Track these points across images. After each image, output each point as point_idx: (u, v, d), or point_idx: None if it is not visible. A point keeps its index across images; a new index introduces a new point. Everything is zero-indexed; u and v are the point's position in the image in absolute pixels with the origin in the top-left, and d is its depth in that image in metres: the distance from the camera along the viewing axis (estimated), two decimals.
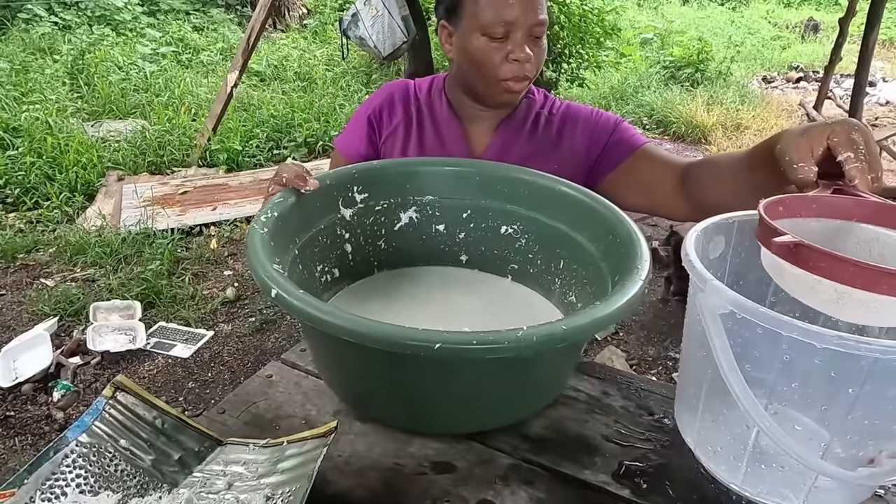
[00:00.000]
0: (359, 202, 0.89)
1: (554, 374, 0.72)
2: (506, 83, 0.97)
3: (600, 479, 0.65)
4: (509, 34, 0.94)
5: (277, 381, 0.79)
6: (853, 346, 0.46)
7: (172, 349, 2.58)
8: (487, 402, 0.67)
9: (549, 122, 1.07)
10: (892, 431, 0.53)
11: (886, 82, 6.50)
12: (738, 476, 0.61)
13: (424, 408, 0.68)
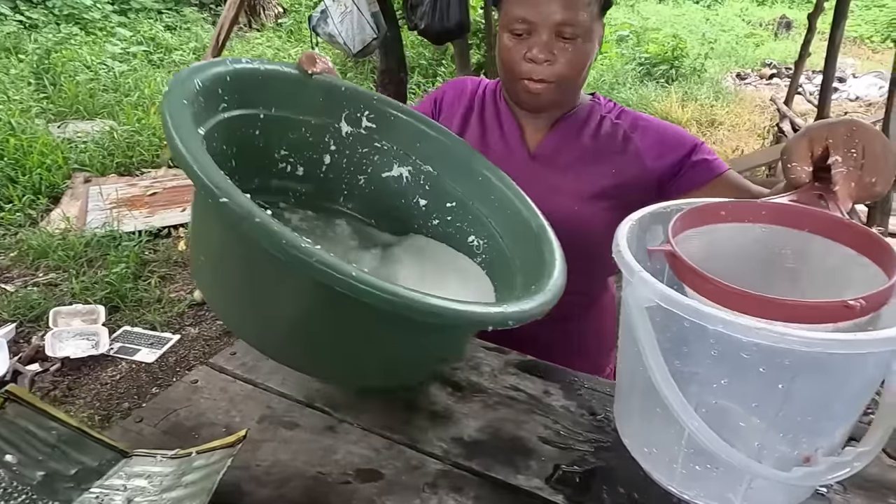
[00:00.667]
0: (362, 128, 0.85)
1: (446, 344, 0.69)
2: (523, 82, 0.92)
3: (533, 484, 0.61)
4: (532, 32, 0.89)
5: (203, 386, 0.75)
6: (778, 339, 0.43)
7: (137, 354, 2.52)
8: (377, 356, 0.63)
9: (614, 125, 1.00)
10: (826, 428, 0.50)
11: (856, 78, 6.58)
12: (674, 478, 0.58)
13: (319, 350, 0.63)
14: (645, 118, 1.02)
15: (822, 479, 0.52)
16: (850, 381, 0.47)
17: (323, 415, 0.70)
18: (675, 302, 0.47)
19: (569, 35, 0.88)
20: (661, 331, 0.51)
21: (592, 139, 0.99)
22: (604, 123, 1.00)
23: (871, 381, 0.49)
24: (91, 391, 2.33)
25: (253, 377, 0.76)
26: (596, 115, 1.01)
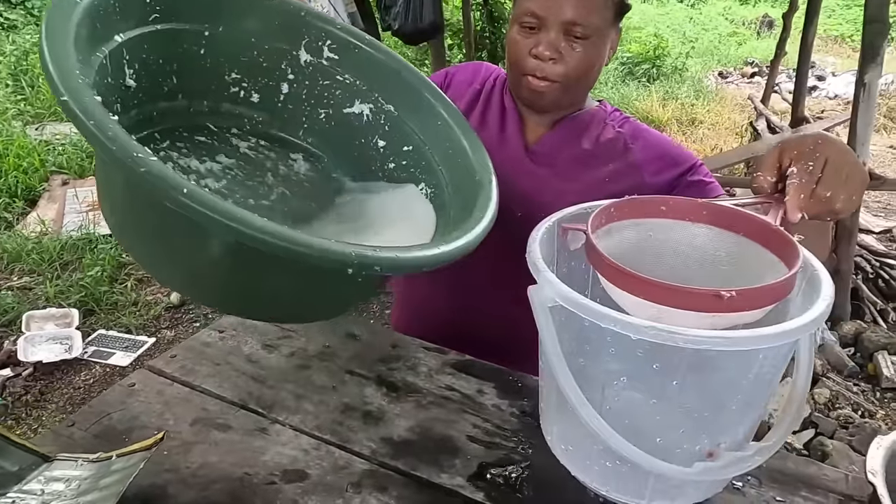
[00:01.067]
0: (324, 59, 0.80)
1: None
2: (527, 78, 0.88)
3: (456, 483, 0.62)
4: (541, 28, 0.85)
5: (139, 389, 0.75)
6: (666, 337, 0.44)
7: (111, 357, 2.50)
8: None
9: (616, 133, 0.97)
10: (724, 423, 0.51)
11: (836, 76, 6.65)
12: (590, 474, 0.59)
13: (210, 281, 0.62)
14: (647, 131, 0.99)
15: (723, 474, 0.53)
16: (742, 378, 0.48)
17: (256, 416, 0.71)
18: (574, 302, 0.48)
19: (578, 35, 0.85)
20: (566, 330, 0.52)
21: (592, 143, 0.96)
22: (605, 130, 0.97)
23: (766, 377, 0.50)
24: (64, 395, 2.32)
25: (190, 380, 0.76)
26: (599, 120, 0.98)
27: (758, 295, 0.47)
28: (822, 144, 0.61)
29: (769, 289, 0.47)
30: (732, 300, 0.45)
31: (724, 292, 0.45)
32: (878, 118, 5.53)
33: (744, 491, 0.62)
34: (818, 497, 0.62)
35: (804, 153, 0.61)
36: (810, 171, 0.60)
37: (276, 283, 0.58)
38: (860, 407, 2.24)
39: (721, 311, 0.45)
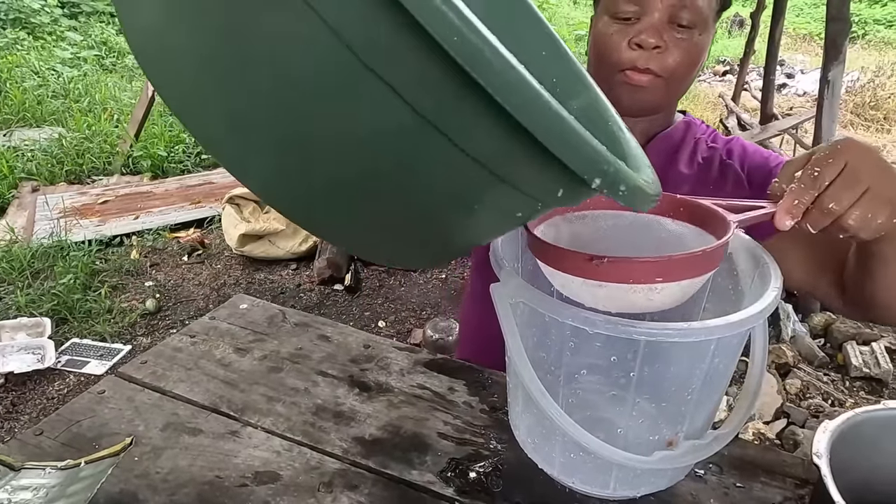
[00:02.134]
0: None
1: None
2: (623, 73, 0.77)
3: (426, 479, 0.63)
4: (641, 16, 0.75)
5: (109, 396, 0.75)
6: (621, 330, 0.46)
7: (85, 366, 2.46)
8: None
9: (710, 150, 0.86)
10: (682, 412, 0.53)
11: (804, 74, 6.81)
12: (556, 466, 0.61)
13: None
14: (743, 143, 0.89)
15: (682, 462, 0.55)
16: (697, 368, 0.50)
17: (227, 419, 0.71)
18: (533, 297, 0.50)
19: (685, 23, 0.74)
20: (529, 325, 0.54)
21: (688, 165, 0.86)
22: (699, 147, 0.87)
23: (720, 367, 0.52)
24: (37, 406, 2.28)
25: (161, 385, 0.76)
26: (691, 137, 0.88)
27: (632, 267, 0.47)
28: (841, 150, 0.53)
29: (646, 262, 0.47)
30: (603, 267, 0.46)
31: (597, 259, 0.46)
32: (846, 114, 5.68)
33: (705, 478, 0.64)
34: (776, 482, 0.64)
35: (820, 158, 0.53)
36: (814, 177, 0.52)
37: (437, 186, 0.35)
38: (830, 396, 2.30)
39: (596, 277, 0.47)
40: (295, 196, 0.37)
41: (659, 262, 0.47)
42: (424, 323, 2.61)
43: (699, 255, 0.48)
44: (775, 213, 0.53)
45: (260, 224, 3.07)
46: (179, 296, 2.95)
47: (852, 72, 6.13)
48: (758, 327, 0.51)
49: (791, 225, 0.53)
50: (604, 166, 0.32)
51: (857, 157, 0.52)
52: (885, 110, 5.73)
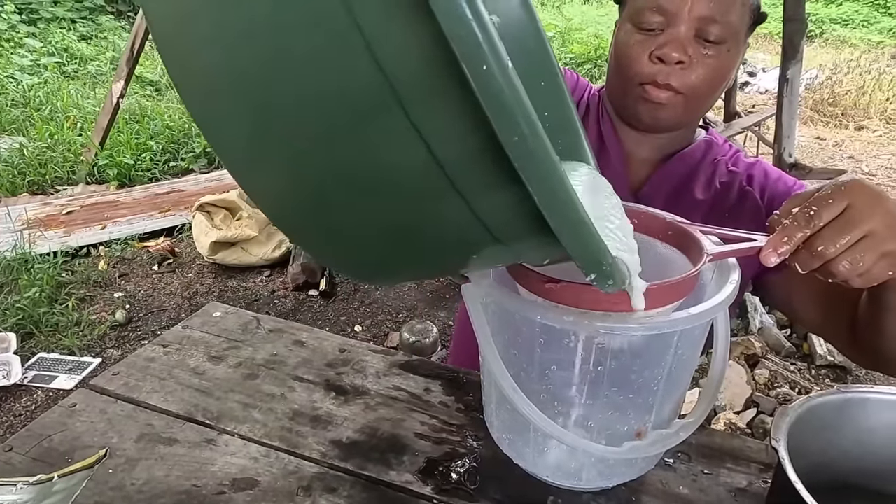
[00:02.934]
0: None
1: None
2: (642, 87, 0.73)
3: (404, 479, 0.64)
4: (666, 28, 0.70)
5: (81, 409, 0.74)
6: (587, 326, 0.47)
7: (54, 381, 2.41)
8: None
9: (730, 173, 0.81)
10: (649, 403, 0.55)
11: (766, 72, 7.00)
12: (531, 461, 0.62)
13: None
14: (766, 168, 0.83)
15: (651, 452, 0.57)
16: (662, 360, 0.52)
17: (203, 428, 0.71)
18: (504, 297, 0.51)
19: (713, 38, 0.69)
20: (500, 324, 0.55)
21: (704, 190, 0.80)
22: (718, 170, 0.82)
23: (684, 358, 0.54)
24: (3, 424, 2.22)
25: (134, 396, 0.76)
26: (711, 158, 0.82)
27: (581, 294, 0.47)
28: (845, 191, 0.50)
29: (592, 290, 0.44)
30: (558, 291, 0.47)
31: (550, 283, 0.48)
32: (805, 111, 5.86)
33: (675, 467, 0.66)
34: (741, 467, 0.66)
35: (821, 197, 0.50)
36: (810, 216, 0.50)
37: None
38: (797, 384, 2.37)
39: (550, 298, 0.48)
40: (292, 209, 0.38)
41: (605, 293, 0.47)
42: (401, 326, 2.61)
43: (648, 291, 0.47)
44: (762, 248, 0.51)
45: (232, 231, 3.04)
46: (150, 306, 2.90)
47: (811, 70, 6.33)
48: (719, 318, 0.53)
49: (776, 262, 0.51)
50: (603, 266, 0.34)
51: (861, 201, 0.49)
52: (843, 106, 5.92)
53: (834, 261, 0.50)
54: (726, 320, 0.55)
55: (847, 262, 0.50)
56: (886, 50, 8.19)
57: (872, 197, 0.50)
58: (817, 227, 0.50)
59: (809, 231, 0.50)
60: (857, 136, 5.52)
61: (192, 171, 4.28)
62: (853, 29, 9.71)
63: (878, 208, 0.49)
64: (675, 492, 0.63)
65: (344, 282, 3.06)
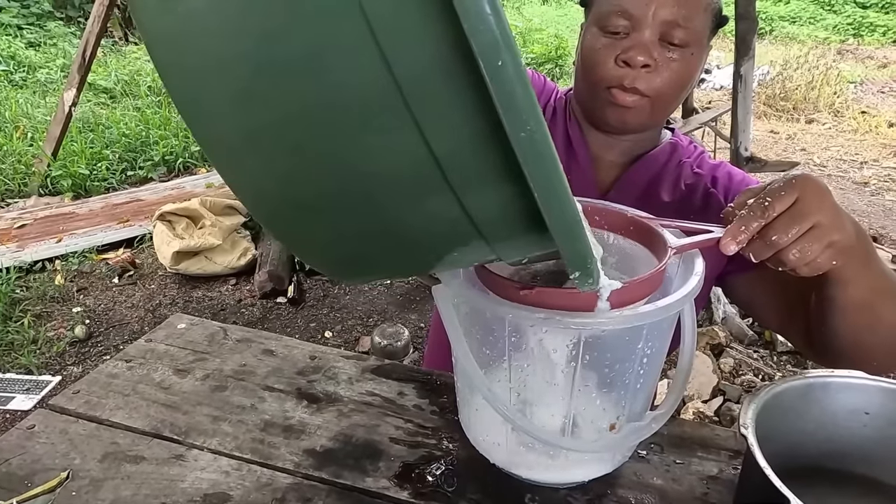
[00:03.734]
0: None
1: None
2: (610, 91, 0.73)
3: (380, 485, 0.63)
4: (631, 31, 0.71)
5: (40, 430, 0.71)
6: (558, 322, 0.47)
7: (10, 402, 2.31)
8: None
9: (695, 175, 0.81)
10: (621, 396, 0.56)
11: (720, 69, 7.20)
12: (506, 460, 0.62)
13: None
14: (729, 170, 0.84)
15: (624, 444, 0.57)
16: (631, 353, 0.53)
17: (171, 443, 0.69)
18: (475, 297, 0.51)
19: (677, 42, 0.70)
20: (472, 324, 0.55)
21: (670, 192, 0.82)
22: (683, 172, 0.83)
23: (652, 350, 0.54)
24: None
25: (97, 414, 0.73)
26: (676, 160, 0.84)
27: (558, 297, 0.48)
28: (795, 185, 0.53)
29: (569, 293, 0.48)
30: (531, 296, 0.48)
31: (526, 289, 0.48)
32: (759, 106, 6.04)
33: (648, 458, 0.67)
34: (712, 455, 0.68)
35: (773, 189, 0.53)
36: (764, 207, 0.52)
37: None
38: (761, 372, 2.44)
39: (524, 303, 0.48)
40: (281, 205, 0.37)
41: (579, 294, 0.48)
42: (371, 330, 2.59)
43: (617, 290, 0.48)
44: (721, 238, 0.53)
45: (195, 240, 2.97)
46: (111, 320, 2.81)
47: (763, 66, 6.53)
48: (685, 310, 0.54)
49: (735, 250, 0.53)
50: (588, 265, 0.35)
51: (810, 195, 0.53)
52: (794, 101, 6.13)
53: (785, 250, 0.53)
54: (692, 312, 0.56)
55: (797, 250, 0.53)
56: (832, 46, 8.52)
57: (819, 191, 0.53)
58: (771, 217, 0.52)
59: (764, 221, 0.52)
60: (808, 129, 5.73)
61: (152, 179, 4.17)
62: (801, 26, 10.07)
63: (825, 202, 0.53)
64: (650, 483, 0.64)
65: (313, 288, 3.03)
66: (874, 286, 0.61)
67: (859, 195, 4.21)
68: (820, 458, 0.59)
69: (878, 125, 5.61)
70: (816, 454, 0.59)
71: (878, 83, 6.82)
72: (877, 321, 0.63)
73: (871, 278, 0.60)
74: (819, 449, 0.59)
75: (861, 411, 0.58)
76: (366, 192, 0.34)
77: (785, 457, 0.54)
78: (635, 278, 0.50)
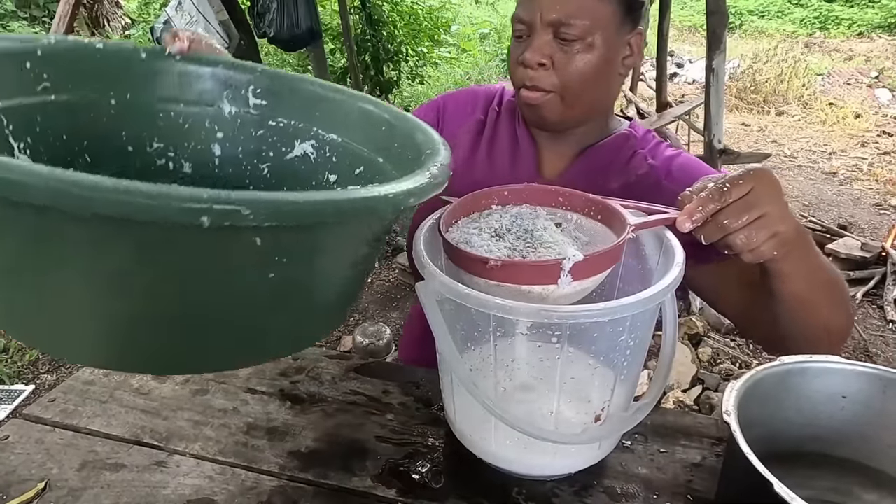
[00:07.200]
0: (251, 107, 0.73)
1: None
2: (521, 91, 0.79)
3: (367, 485, 0.63)
4: (529, 34, 0.76)
5: (14, 441, 0.69)
6: (543, 316, 0.48)
7: None
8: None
9: (649, 166, 0.83)
10: (606, 388, 0.56)
11: (692, 63, 7.31)
12: (492, 455, 0.62)
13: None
14: (687, 161, 0.84)
15: (610, 435, 0.58)
16: (615, 344, 0.53)
17: (151, 450, 0.68)
18: (458, 292, 0.51)
19: (571, 37, 0.73)
20: (456, 320, 0.55)
21: (620, 182, 0.83)
22: (635, 161, 0.84)
23: (636, 341, 0.55)
24: None
25: (74, 422, 0.71)
26: (628, 150, 0.85)
27: (520, 270, 0.51)
28: (752, 176, 0.56)
29: (533, 266, 0.52)
30: (496, 268, 0.51)
31: (493, 261, 0.51)
32: (731, 99, 6.14)
33: (632, 448, 0.68)
34: (694, 443, 0.69)
35: (732, 178, 0.57)
36: (721, 192, 0.56)
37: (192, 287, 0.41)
38: (738, 360, 2.49)
39: (491, 278, 0.51)
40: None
41: (544, 266, 0.51)
42: (353, 330, 2.58)
43: (581, 261, 0.51)
44: (678, 217, 0.57)
45: None
46: None
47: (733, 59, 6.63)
48: (667, 301, 0.55)
49: (689, 228, 0.57)
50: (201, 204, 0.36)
51: (763, 186, 0.56)
52: (764, 93, 6.24)
53: (733, 234, 0.56)
54: (674, 303, 0.56)
55: (744, 236, 0.56)
56: (800, 39, 8.68)
57: (773, 185, 0.57)
58: (727, 202, 0.56)
59: (720, 205, 0.56)
60: (778, 121, 5.84)
61: None
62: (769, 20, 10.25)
63: (776, 196, 0.57)
64: (635, 472, 0.65)
65: None
66: (811, 280, 0.64)
67: (828, 185, 4.30)
68: (800, 441, 0.61)
69: (845, 116, 5.74)
70: (796, 438, 0.61)
71: (844, 75, 6.98)
72: (814, 314, 0.67)
73: (808, 273, 0.64)
74: (799, 433, 0.60)
75: (839, 395, 0.59)
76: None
77: (766, 442, 0.55)
78: (596, 251, 0.52)
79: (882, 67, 7.11)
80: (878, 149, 5.03)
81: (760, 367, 0.58)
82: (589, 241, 0.62)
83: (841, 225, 3.58)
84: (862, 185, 4.31)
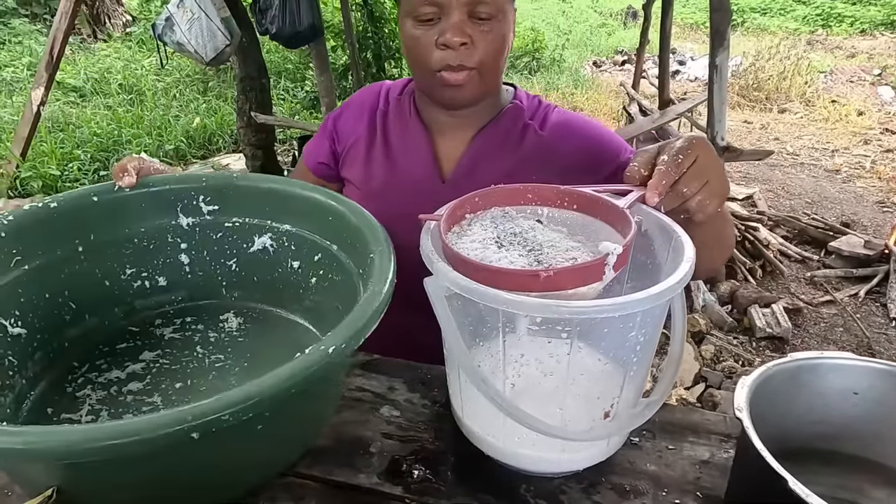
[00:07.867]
0: (206, 214, 0.81)
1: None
2: (440, 75, 0.80)
3: (373, 481, 0.63)
4: (442, 15, 0.78)
5: None
6: (553, 311, 0.47)
7: None
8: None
9: (539, 134, 0.89)
10: (614, 385, 0.56)
11: (694, 60, 7.29)
12: (499, 452, 0.62)
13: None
14: (571, 119, 0.91)
15: (618, 432, 0.57)
16: (624, 341, 0.53)
17: None
18: (467, 288, 0.50)
19: (485, 15, 0.78)
20: (463, 316, 0.54)
21: (517, 151, 0.88)
22: (528, 132, 0.90)
23: (645, 338, 0.54)
24: None
25: None
26: (519, 121, 0.90)
27: (574, 274, 0.50)
28: (696, 145, 0.62)
29: (584, 268, 0.50)
30: (549, 278, 0.49)
31: (543, 272, 0.48)
32: (733, 96, 6.12)
33: (640, 445, 0.67)
34: (703, 440, 0.68)
35: (680, 148, 0.61)
36: (678, 164, 0.60)
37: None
38: (740, 357, 2.48)
39: (539, 289, 0.49)
40: None
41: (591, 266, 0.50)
42: None
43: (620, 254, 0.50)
44: (646, 192, 0.60)
45: None
46: None
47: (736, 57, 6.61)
48: (676, 297, 0.54)
49: (657, 202, 0.60)
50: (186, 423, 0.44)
51: (704, 154, 0.62)
52: (767, 91, 6.22)
53: (689, 200, 0.61)
54: (683, 299, 0.56)
55: (698, 200, 0.61)
56: (802, 37, 8.65)
57: (712, 152, 0.64)
58: (682, 173, 0.61)
59: (678, 176, 0.60)
60: (780, 119, 5.82)
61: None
62: (772, 17, 10.22)
63: (715, 161, 0.63)
64: (643, 469, 0.64)
65: None
66: (715, 231, 0.73)
67: (831, 182, 4.29)
68: (811, 438, 0.60)
69: (848, 114, 5.72)
70: (807, 435, 0.60)
71: (846, 73, 6.95)
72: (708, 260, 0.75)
73: (718, 224, 0.73)
74: (810, 429, 0.60)
75: (850, 391, 0.59)
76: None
77: (777, 438, 0.55)
78: (626, 241, 0.52)
79: (885, 65, 7.08)
80: (880, 146, 5.01)
81: (771, 363, 0.58)
82: (570, 232, 0.62)
83: (844, 223, 3.57)
84: (865, 182, 4.30)
